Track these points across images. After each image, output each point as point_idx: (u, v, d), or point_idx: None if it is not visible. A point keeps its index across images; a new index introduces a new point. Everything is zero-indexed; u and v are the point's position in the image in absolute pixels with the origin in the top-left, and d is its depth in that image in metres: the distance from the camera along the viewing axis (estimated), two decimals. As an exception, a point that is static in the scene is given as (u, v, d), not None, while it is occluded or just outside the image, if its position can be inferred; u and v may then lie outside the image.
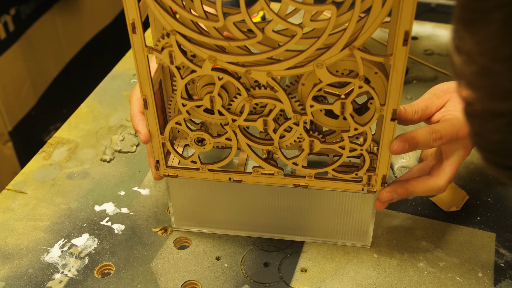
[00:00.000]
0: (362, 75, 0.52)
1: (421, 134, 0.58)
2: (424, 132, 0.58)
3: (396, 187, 0.60)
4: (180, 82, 0.56)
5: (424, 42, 1.05)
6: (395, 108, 0.54)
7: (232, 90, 0.57)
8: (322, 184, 0.62)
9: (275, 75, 0.53)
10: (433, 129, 0.58)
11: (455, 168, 0.61)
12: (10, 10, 1.32)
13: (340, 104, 0.55)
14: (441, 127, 0.58)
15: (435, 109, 0.62)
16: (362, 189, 0.61)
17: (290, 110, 0.56)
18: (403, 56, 0.50)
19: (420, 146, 0.58)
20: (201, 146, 0.61)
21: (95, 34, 1.66)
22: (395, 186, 0.60)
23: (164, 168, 0.63)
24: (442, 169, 0.61)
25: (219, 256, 0.67)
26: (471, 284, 0.63)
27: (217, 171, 0.63)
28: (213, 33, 0.52)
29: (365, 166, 0.59)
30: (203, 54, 0.53)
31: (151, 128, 0.60)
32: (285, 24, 0.49)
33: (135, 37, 0.53)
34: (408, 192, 0.61)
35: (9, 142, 1.40)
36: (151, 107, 0.58)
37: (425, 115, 0.61)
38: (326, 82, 0.53)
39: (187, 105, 0.58)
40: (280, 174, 0.61)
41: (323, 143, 0.58)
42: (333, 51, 0.51)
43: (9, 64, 1.34)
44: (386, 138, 0.56)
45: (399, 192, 0.60)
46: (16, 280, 0.65)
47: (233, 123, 0.58)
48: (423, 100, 0.62)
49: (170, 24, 0.51)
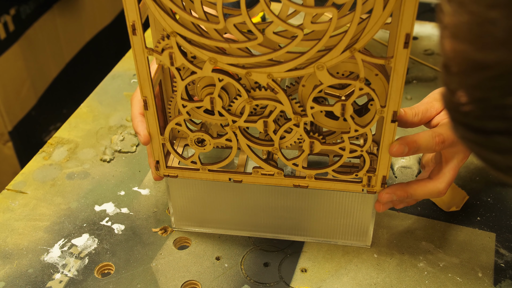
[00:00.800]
0: (363, 77, 0.52)
1: (423, 138, 0.58)
2: (426, 136, 0.58)
3: (395, 189, 0.60)
4: (181, 84, 0.56)
5: (424, 42, 1.05)
6: (396, 110, 0.54)
7: (233, 92, 0.57)
8: (322, 184, 0.62)
9: (276, 77, 0.53)
10: (435, 133, 0.58)
11: (455, 172, 0.61)
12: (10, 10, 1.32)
13: (340, 106, 0.55)
14: (442, 130, 0.58)
15: (435, 112, 0.62)
16: (362, 190, 0.61)
17: (291, 112, 0.56)
18: (404, 59, 0.50)
19: (422, 150, 0.58)
20: (201, 147, 0.61)
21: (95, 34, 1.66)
22: (395, 188, 0.60)
23: (164, 168, 0.63)
24: (442, 172, 0.60)
25: (219, 256, 0.67)
26: (471, 284, 0.63)
27: (217, 171, 0.63)
28: (214, 34, 0.52)
29: (365, 167, 0.59)
30: (203, 56, 0.53)
31: (151, 128, 0.60)
32: (285, 26, 0.49)
33: (135, 38, 0.53)
34: (407, 194, 0.60)
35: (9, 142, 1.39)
36: (151, 108, 0.58)
37: (425, 117, 0.61)
38: (327, 84, 0.53)
39: (188, 106, 0.58)
40: (280, 175, 0.62)
41: (323, 144, 0.59)
42: (334, 53, 0.51)
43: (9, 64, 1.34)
44: (386, 140, 0.57)
45: (398, 194, 0.60)
46: (16, 280, 0.65)
47: (233, 124, 0.58)
48: (423, 103, 0.62)
49: (171, 26, 0.51)
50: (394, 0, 0.47)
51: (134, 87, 0.95)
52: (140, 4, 0.51)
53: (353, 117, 0.56)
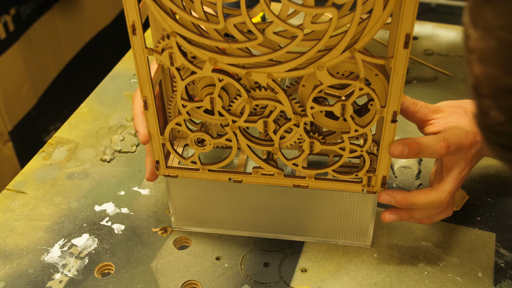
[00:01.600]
0: (363, 77, 0.52)
1: (427, 141, 0.57)
2: (431, 140, 0.57)
3: (396, 193, 0.60)
4: (181, 84, 0.56)
5: (424, 42, 1.05)
6: (396, 110, 0.54)
7: (233, 92, 0.57)
8: (322, 184, 0.62)
9: (276, 77, 0.53)
10: (440, 137, 0.57)
11: (457, 181, 0.60)
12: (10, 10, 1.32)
13: (340, 106, 0.55)
14: (447, 136, 0.57)
15: (431, 115, 0.61)
16: (362, 190, 0.61)
17: (291, 112, 0.56)
18: (404, 59, 0.50)
19: (424, 154, 0.57)
20: (201, 147, 0.61)
21: (95, 34, 1.66)
22: (395, 192, 0.60)
23: (164, 168, 0.63)
24: (444, 181, 0.60)
25: (219, 256, 0.67)
26: (471, 284, 0.63)
27: (217, 171, 0.63)
28: (214, 35, 0.52)
29: (365, 167, 0.59)
30: (203, 56, 0.53)
31: (151, 128, 0.60)
32: (285, 26, 0.49)
33: (135, 38, 0.53)
34: (407, 202, 0.60)
35: (9, 142, 1.40)
36: (151, 108, 0.58)
37: (422, 111, 0.60)
38: (327, 84, 0.53)
39: (188, 106, 0.58)
40: (280, 175, 0.62)
41: (323, 144, 0.59)
42: (334, 53, 0.51)
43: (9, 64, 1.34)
44: (386, 140, 0.56)
45: (398, 199, 0.59)
46: (16, 280, 0.65)
47: (233, 124, 0.58)
48: None
49: (170, 26, 0.51)
50: (394, 0, 0.47)
51: (134, 87, 0.96)
52: (140, 4, 0.51)
53: (353, 117, 0.56)
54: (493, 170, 0.77)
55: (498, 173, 0.77)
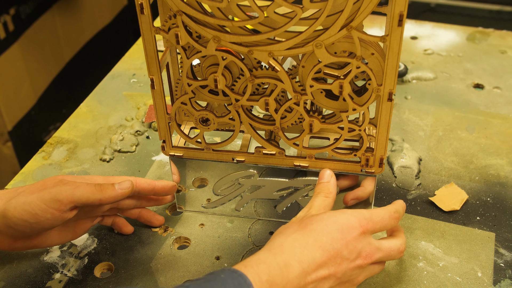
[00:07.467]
0: (360, 55, 0.54)
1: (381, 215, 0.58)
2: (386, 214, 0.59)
3: None
4: (186, 62, 0.59)
5: (424, 42, 1.05)
6: (392, 89, 0.56)
7: (236, 71, 0.60)
8: (322, 164, 0.63)
9: (276, 55, 0.56)
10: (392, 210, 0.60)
11: None
12: (10, 10, 1.32)
13: (338, 84, 0.56)
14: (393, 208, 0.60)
15: None
16: (361, 170, 0.63)
17: (291, 90, 0.58)
18: (398, 36, 0.52)
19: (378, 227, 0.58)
20: (205, 126, 0.63)
21: (94, 34, 1.66)
22: None
23: (170, 148, 0.65)
24: None
25: (219, 256, 0.67)
26: (470, 284, 0.63)
27: (221, 151, 0.65)
28: (217, 13, 0.54)
29: (363, 146, 0.61)
30: (207, 34, 0.55)
31: (157, 108, 0.62)
32: (285, 5, 0.52)
33: (143, 17, 0.55)
34: None
35: (9, 142, 1.40)
36: (158, 86, 0.60)
37: None
38: (325, 62, 0.55)
39: (193, 85, 0.60)
40: (282, 155, 0.63)
41: (323, 123, 0.60)
42: (332, 31, 0.53)
43: (9, 64, 1.34)
44: (383, 119, 0.58)
45: None
46: (16, 279, 0.65)
47: (236, 103, 0.60)
48: None
49: (176, 5, 0.54)
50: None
51: (133, 87, 0.96)
52: None
53: (352, 97, 0.58)
54: (493, 170, 0.77)
55: (498, 173, 0.77)
